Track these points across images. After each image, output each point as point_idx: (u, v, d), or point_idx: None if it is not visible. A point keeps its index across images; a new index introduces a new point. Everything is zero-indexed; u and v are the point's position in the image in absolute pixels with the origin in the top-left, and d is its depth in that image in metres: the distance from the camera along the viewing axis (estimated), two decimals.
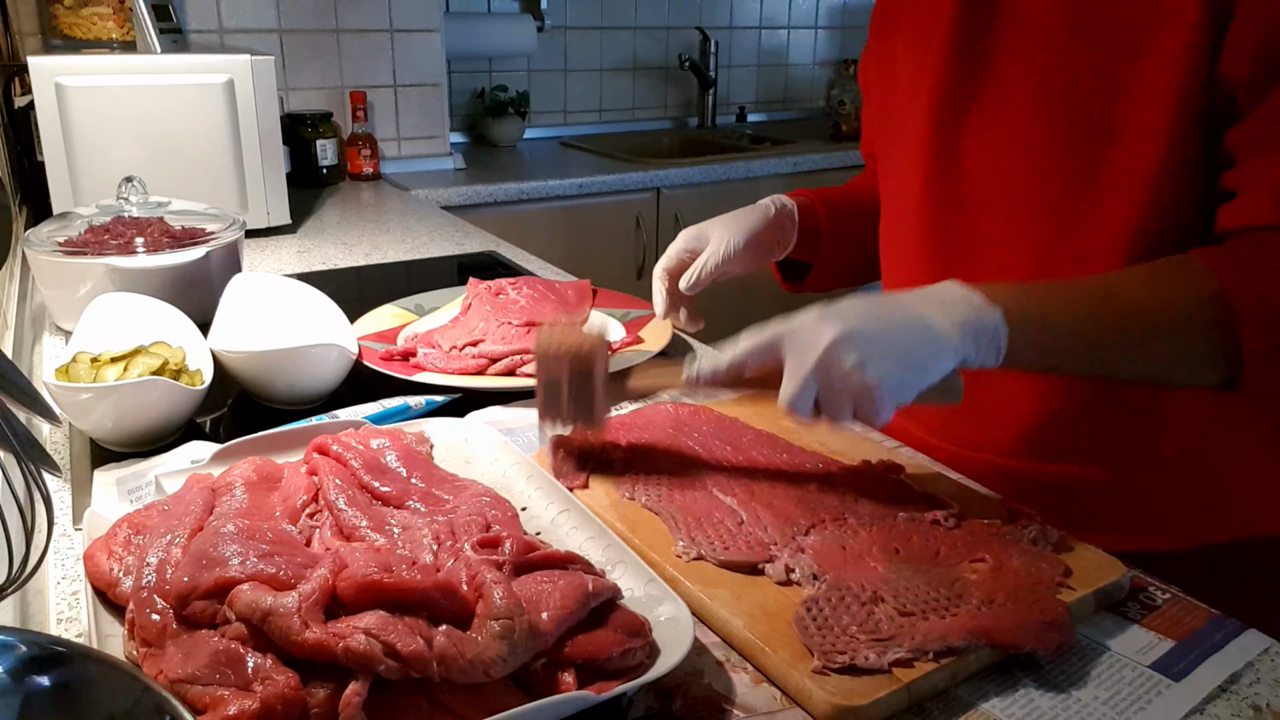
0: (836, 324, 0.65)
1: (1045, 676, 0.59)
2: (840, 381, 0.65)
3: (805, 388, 0.66)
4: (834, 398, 0.66)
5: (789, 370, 0.67)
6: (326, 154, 2.22)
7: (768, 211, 0.98)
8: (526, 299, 1.16)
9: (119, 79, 1.52)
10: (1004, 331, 0.67)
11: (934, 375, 0.66)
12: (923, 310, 0.67)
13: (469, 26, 2.64)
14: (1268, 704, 0.57)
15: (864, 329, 0.65)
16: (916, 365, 0.66)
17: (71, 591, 0.67)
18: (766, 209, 0.98)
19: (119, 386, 0.82)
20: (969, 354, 0.66)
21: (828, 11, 3.44)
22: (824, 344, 0.65)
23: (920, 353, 0.66)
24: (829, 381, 0.65)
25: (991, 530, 0.71)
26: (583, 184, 2.33)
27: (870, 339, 0.65)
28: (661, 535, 0.70)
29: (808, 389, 0.66)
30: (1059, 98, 0.77)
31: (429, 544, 0.61)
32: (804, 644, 0.58)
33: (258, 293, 1.05)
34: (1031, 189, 0.81)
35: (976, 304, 0.67)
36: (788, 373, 0.67)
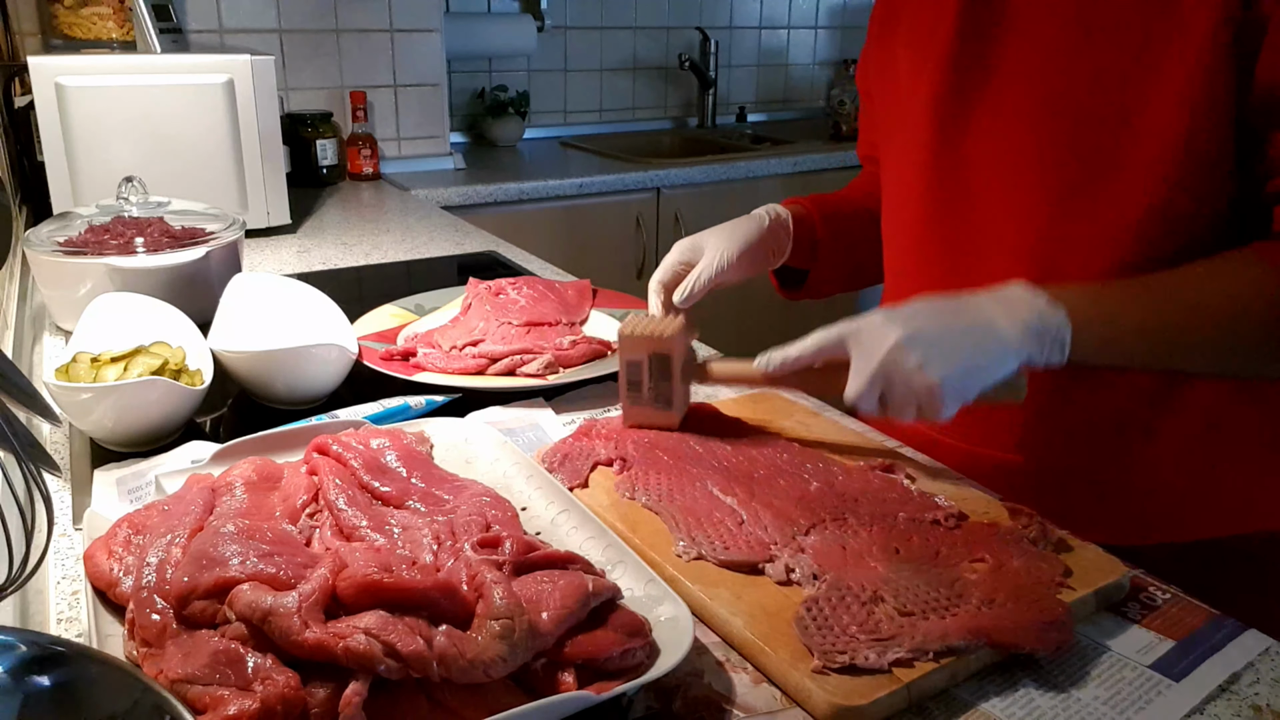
0: (902, 325, 0.69)
1: (1045, 676, 0.59)
2: (904, 380, 0.69)
3: (871, 385, 0.70)
4: (898, 395, 0.70)
5: (855, 368, 0.71)
6: (326, 154, 2.22)
7: (762, 221, 0.98)
8: (526, 299, 1.16)
9: (119, 79, 1.52)
10: (1068, 331, 0.69)
11: (996, 375, 0.70)
12: (987, 312, 0.70)
13: (469, 26, 2.64)
14: (1268, 704, 0.57)
15: (928, 330, 0.69)
16: (979, 365, 0.69)
17: (71, 591, 0.67)
18: (761, 219, 0.98)
19: (119, 386, 0.82)
20: (1033, 353, 0.69)
21: (828, 11, 3.44)
22: (889, 344, 0.69)
23: (983, 353, 0.69)
24: (893, 380, 0.69)
25: (991, 530, 0.71)
26: (583, 184, 2.33)
27: (934, 340, 0.68)
28: (661, 535, 0.70)
29: (873, 386, 0.70)
30: (1064, 97, 0.77)
31: (429, 544, 0.61)
32: (804, 644, 0.58)
33: (258, 293, 1.05)
34: (1036, 188, 0.81)
35: (1040, 305, 0.70)
36: (854, 370, 0.71)
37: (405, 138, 2.44)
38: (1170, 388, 0.82)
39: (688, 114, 3.23)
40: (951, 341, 0.69)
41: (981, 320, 0.70)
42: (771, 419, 0.90)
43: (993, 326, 0.69)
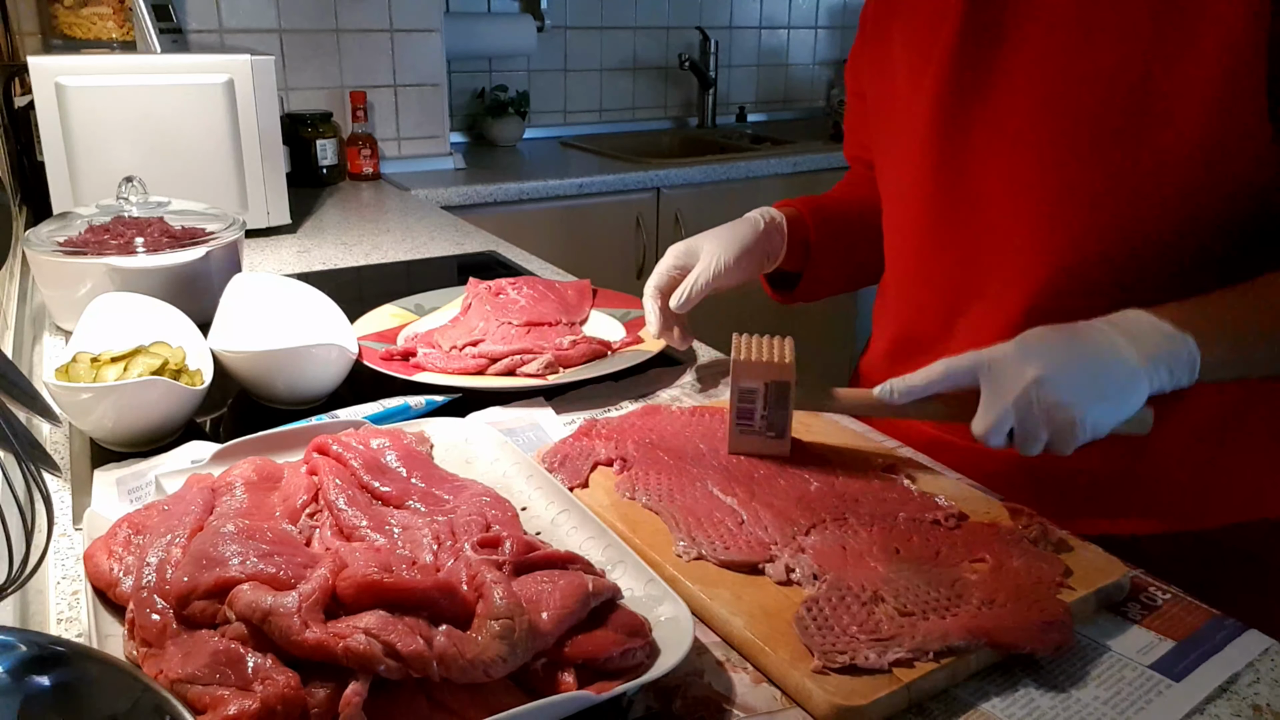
0: (1039, 362, 0.68)
1: (1045, 676, 0.59)
2: (1040, 417, 0.68)
3: (1003, 420, 0.69)
4: (1031, 431, 0.69)
5: (987, 401, 0.70)
6: (326, 154, 2.22)
7: (757, 224, 0.97)
8: (526, 299, 1.16)
9: (119, 79, 1.52)
10: (1198, 356, 0.69)
11: (1131, 409, 0.69)
12: (1117, 345, 0.69)
13: (469, 26, 2.64)
14: (1268, 704, 0.57)
15: (1064, 367, 0.68)
16: (1115, 401, 0.68)
17: (71, 591, 0.67)
18: (756, 222, 0.98)
19: (119, 386, 0.82)
20: (1163, 384, 0.69)
21: (828, 11, 3.44)
22: (1026, 381, 0.68)
23: (1118, 389, 0.68)
24: (1028, 416, 0.68)
25: (991, 530, 0.71)
26: (583, 184, 2.33)
27: (1070, 377, 0.68)
28: (661, 535, 0.70)
29: (1005, 421, 0.69)
30: (1070, 96, 0.77)
31: (429, 544, 0.61)
32: (804, 644, 0.58)
33: (258, 293, 1.05)
34: (1040, 188, 0.80)
35: (1168, 333, 0.69)
36: (986, 404, 0.70)
37: (405, 138, 2.44)
38: None
39: (688, 114, 3.23)
40: (1088, 379, 0.68)
41: (1114, 353, 0.69)
42: None
43: (1125, 360, 0.68)
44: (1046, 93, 0.78)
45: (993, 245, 0.85)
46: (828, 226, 1.03)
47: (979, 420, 0.70)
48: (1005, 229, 0.83)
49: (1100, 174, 0.77)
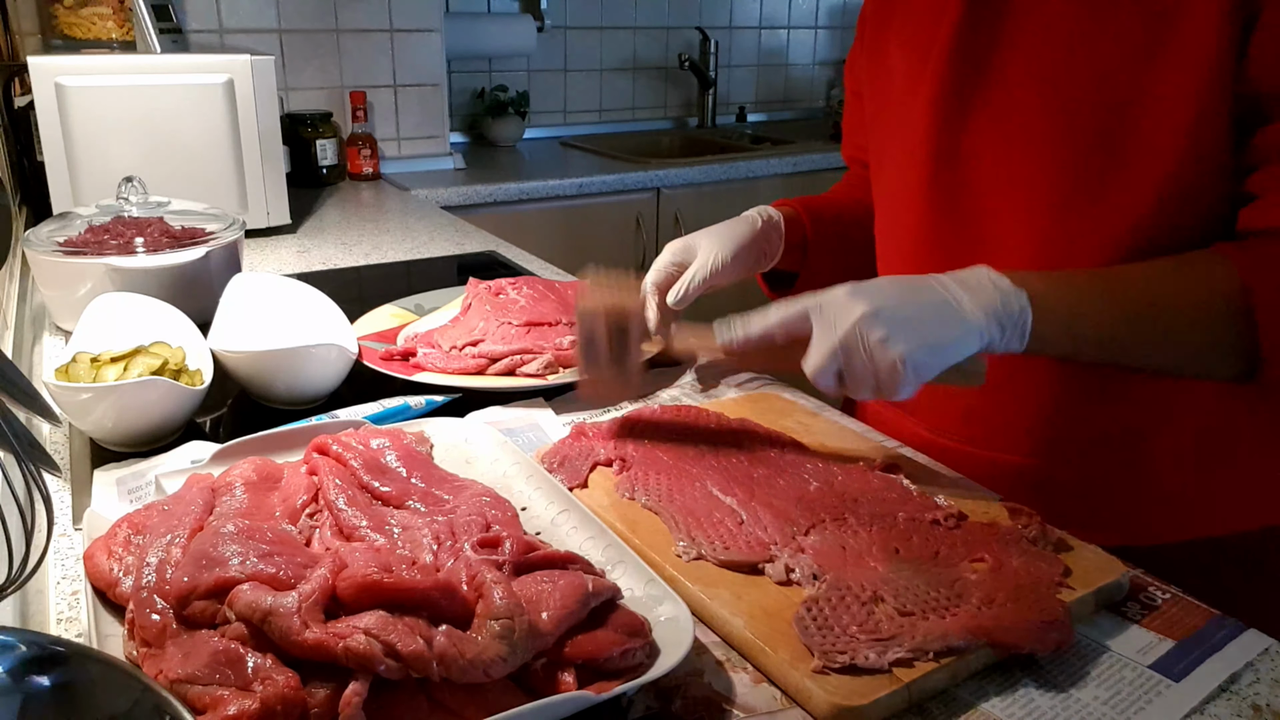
0: (865, 300, 0.68)
1: (1045, 676, 0.59)
2: (865, 355, 0.68)
3: (831, 359, 0.69)
4: (858, 370, 0.69)
5: (816, 341, 0.70)
6: (326, 154, 2.22)
7: (754, 223, 0.97)
8: (526, 299, 1.16)
9: (119, 79, 1.52)
10: (1029, 317, 0.69)
11: (957, 355, 0.69)
12: (951, 292, 0.70)
13: (469, 26, 2.64)
14: (1268, 704, 0.57)
15: (891, 306, 0.68)
16: (941, 344, 0.68)
17: (71, 591, 0.67)
18: (753, 220, 0.98)
19: (119, 386, 0.82)
20: (994, 338, 0.69)
21: (828, 11, 3.44)
22: (852, 318, 0.68)
23: (945, 332, 0.68)
24: (854, 355, 0.68)
25: (991, 530, 0.71)
26: (583, 184, 2.33)
27: (897, 316, 0.68)
28: (661, 535, 0.70)
29: (833, 360, 0.69)
30: (1067, 96, 0.77)
31: (429, 544, 0.61)
32: (804, 644, 0.58)
33: (258, 293, 1.05)
34: (1038, 189, 0.80)
35: (1004, 288, 0.70)
36: (814, 343, 0.70)
37: (405, 138, 2.44)
38: (1173, 392, 0.82)
39: (688, 114, 3.23)
40: (915, 318, 0.68)
41: (946, 300, 0.69)
42: (771, 419, 0.90)
43: (957, 307, 0.69)
44: (1043, 93, 0.79)
45: (989, 245, 0.85)
46: (825, 227, 1.03)
47: (809, 359, 0.70)
48: (1002, 229, 0.84)
49: (1099, 171, 0.77)
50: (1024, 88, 0.80)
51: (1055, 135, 0.79)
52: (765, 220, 0.98)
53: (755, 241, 0.96)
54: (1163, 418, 0.83)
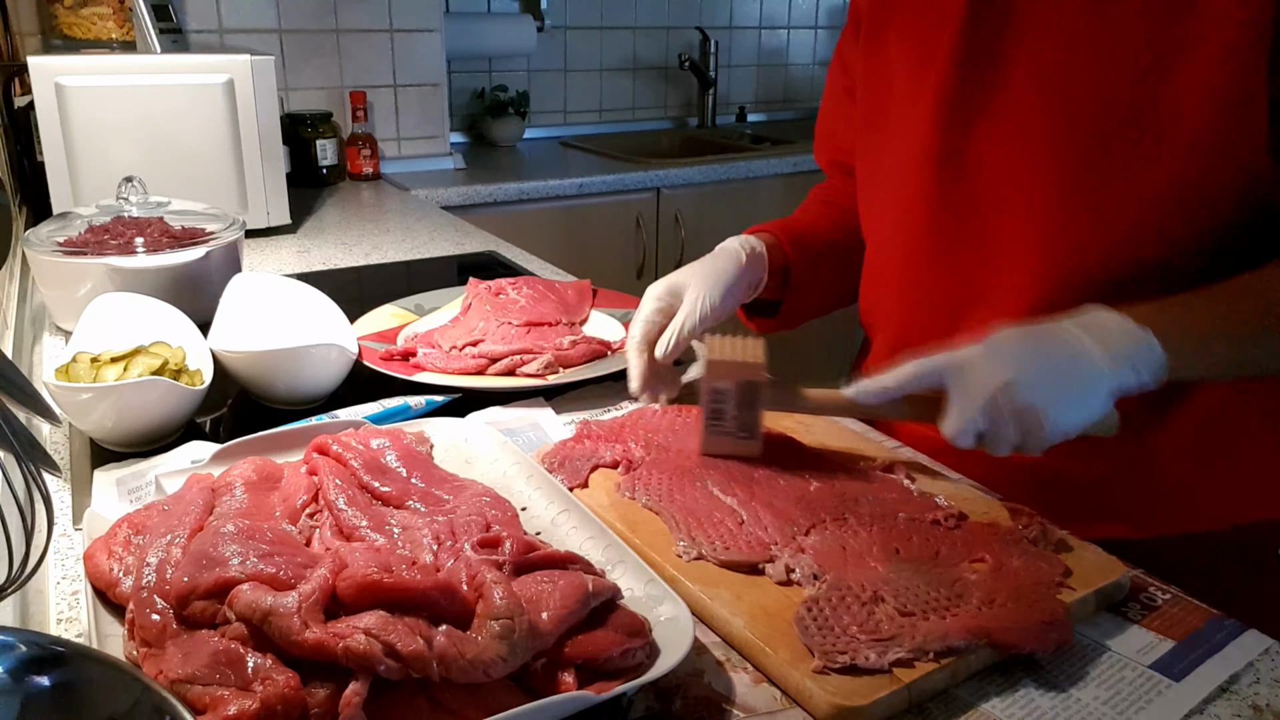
0: (1008, 365, 0.69)
1: (1045, 676, 0.59)
2: (1009, 419, 0.68)
3: (972, 423, 0.69)
4: (1000, 433, 0.69)
5: (958, 405, 0.70)
6: (326, 154, 2.22)
7: (739, 257, 0.93)
8: (526, 299, 1.16)
9: (119, 79, 1.52)
10: (1162, 356, 0.69)
11: (1099, 411, 0.69)
12: (1085, 346, 0.69)
13: (469, 26, 2.64)
14: (1268, 704, 0.57)
15: (1033, 370, 0.68)
16: (1083, 403, 0.69)
17: (71, 591, 0.67)
18: (737, 254, 0.94)
19: (119, 386, 0.82)
20: (1130, 383, 0.69)
21: (828, 11, 3.44)
22: (995, 384, 0.68)
23: (1086, 390, 0.68)
24: (997, 419, 0.69)
25: (991, 530, 0.71)
26: (583, 184, 2.33)
27: (1039, 380, 0.68)
28: (661, 535, 0.70)
29: (974, 424, 0.69)
30: (1078, 98, 0.76)
31: (429, 544, 0.61)
32: (804, 644, 0.58)
33: (258, 293, 1.05)
34: (1044, 193, 0.79)
35: (1132, 331, 0.69)
36: (955, 408, 0.70)
37: (405, 138, 2.44)
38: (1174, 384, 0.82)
39: (688, 114, 3.23)
40: (1058, 381, 0.68)
41: (1082, 355, 0.69)
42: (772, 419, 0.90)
43: (1093, 361, 0.68)
44: (1052, 95, 0.78)
45: (998, 249, 0.84)
46: (807, 253, 1.00)
47: (950, 423, 0.71)
48: (1010, 233, 0.83)
49: (1106, 176, 0.77)
50: (1030, 91, 0.79)
51: (1062, 139, 0.78)
52: (750, 253, 0.95)
53: (742, 276, 0.93)
54: (1169, 411, 0.83)
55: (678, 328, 0.86)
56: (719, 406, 0.79)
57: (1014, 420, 0.68)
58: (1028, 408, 0.67)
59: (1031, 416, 0.67)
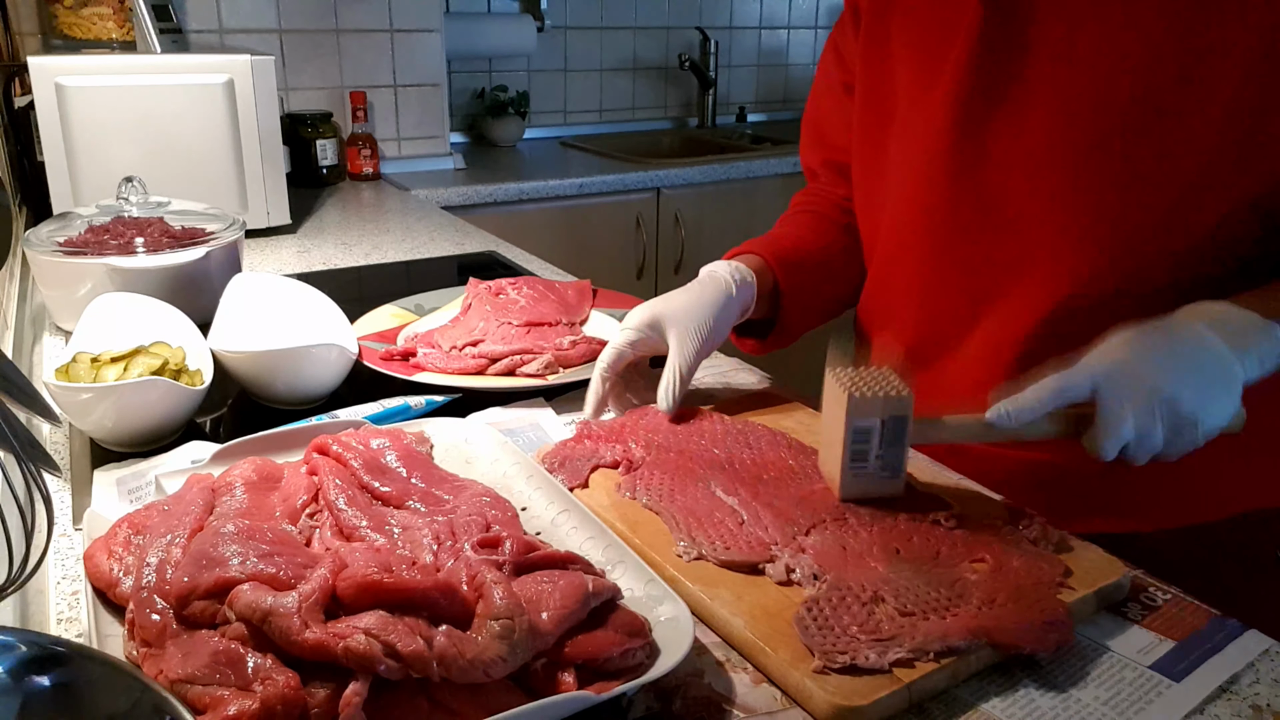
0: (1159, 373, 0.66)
1: (1045, 676, 0.59)
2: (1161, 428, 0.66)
3: (1125, 435, 0.66)
4: (1150, 443, 0.67)
5: (1109, 420, 0.67)
6: (326, 154, 2.22)
7: (727, 287, 0.90)
8: (526, 299, 1.16)
9: (119, 79, 1.52)
10: None
11: (1237, 404, 0.68)
12: (1214, 342, 0.68)
13: (469, 26, 2.64)
14: (1268, 704, 0.57)
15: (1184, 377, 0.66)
16: (1227, 403, 0.67)
17: (71, 591, 0.67)
18: (725, 283, 0.91)
19: (119, 386, 0.82)
20: (1254, 375, 0.68)
21: (828, 11, 3.44)
22: (1147, 393, 0.66)
23: (1229, 393, 0.67)
24: (1150, 428, 0.66)
25: (992, 530, 0.71)
26: (583, 184, 2.33)
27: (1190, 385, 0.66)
28: (661, 535, 0.70)
29: (1126, 436, 0.67)
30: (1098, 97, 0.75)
31: (429, 544, 0.61)
32: (804, 644, 0.58)
33: (258, 293, 1.05)
34: (1071, 191, 0.78)
35: (1255, 321, 0.68)
36: (1107, 423, 0.67)
37: (405, 138, 2.44)
38: None
39: (688, 114, 3.23)
40: (1204, 383, 0.67)
41: (1216, 352, 0.67)
42: (772, 419, 0.90)
43: (1228, 359, 0.67)
44: (1073, 92, 0.76)
45: (1019, 248, 0.82)
46: (796, 273, 0.97)
47: (1102, 439, 0.67)
48: (1032, 231, 0.81)
49: (1126, 176, 0.76)
50: (1050, 89, 0.78)
51: (1084, 136, 0.77)
52: (738, 282, 0.92)
53: (730, 306, 0.90)
54: None
55: (674, 374, 0.86)
56: (862, 447, 0.73)
57: (1168, 428, 0.66)
58: (1184, 416, 0.66)
59: (1188, 425, 0.66)
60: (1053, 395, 0.68)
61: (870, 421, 0.72)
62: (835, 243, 1.02)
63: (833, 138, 1.04)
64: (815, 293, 1.01)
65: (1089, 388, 0.68)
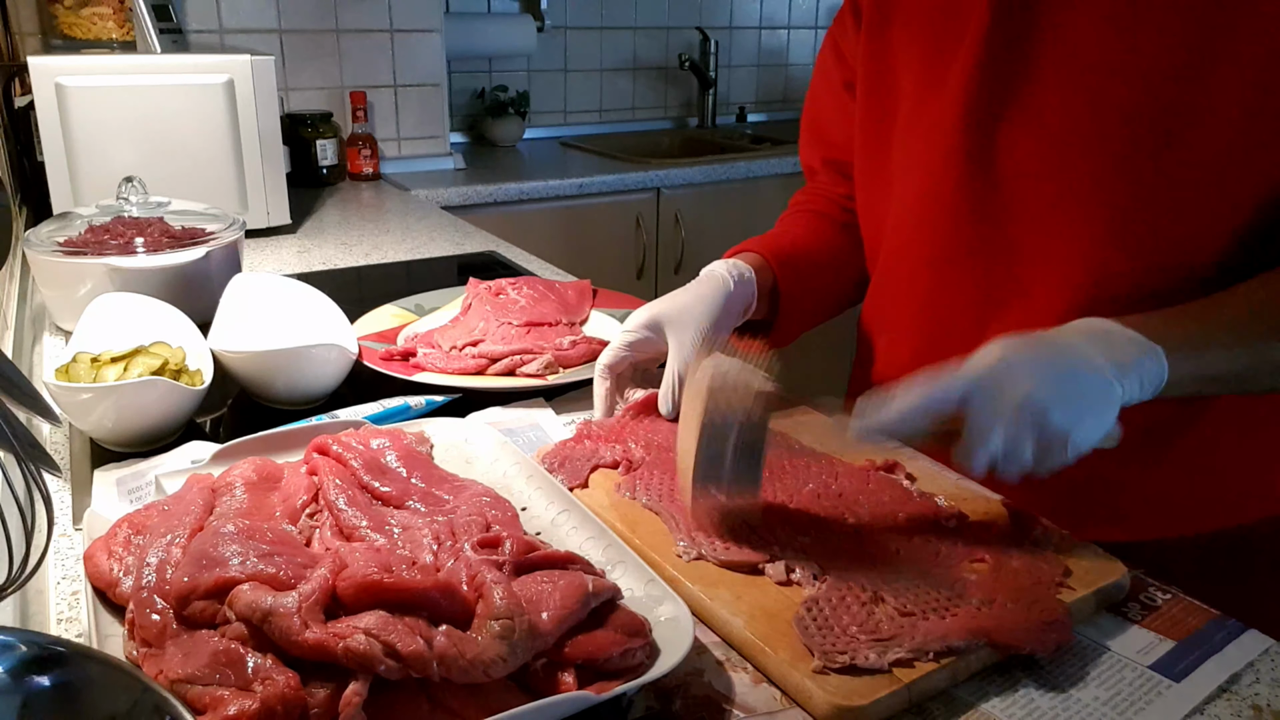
0: (1029, 382, 0.63)
1: (1045, 676, 0.59)
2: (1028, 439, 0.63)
3: (992, 446, 0.64)
4: (1017, 454, 0.64)
5: (977, 428, 0.64)
6: (326, 154, 2.22)
7: (726, 285, 0.89)
8: (526, 299, 1.16)
9: (119, 79, 1.52)
10: (1165, 370, 0.67)
11: (1110, 425, 0.66)
12: (1092, 357, 0.66)
13: (469, 26, 2.64)
14: (1268, 704, 0.57)
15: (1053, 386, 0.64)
16: (1099, 418, 0.65)
17: (71, 591, 0.67)
18: (724, 281, 0.90)
19: (119, 386, 0.82)
20: (1133, 396, 0.66)
21: (828, 11, 3.44)
22: (1017, 402, 0.63)
23: (1103, 406, 0.65)
24: (1017, 438, 0.63)
25: (992, 530, 0.71)
26: (583, 184, 2.33)
27: (1060, 397, 0.63)
28: (661, 535, 0.70)
29: (993, 446, 0.64)
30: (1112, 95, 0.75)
31: (429, 544, 0.61)
32: (804, 644, 0.58)
33: (258, 293, 1.05)
34: (1081, 192, 0.77)
35: (1141, 344, 0.67)
36: (975, 431, 0.64)
37: (405, 138, 2.44)
38: None
39: (688, 114, 3.23)
40: (1075, 395, 0.64)
41: (1092, 366, 0.65)
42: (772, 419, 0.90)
43: (1105, 374, 0.65)
44: (1084, 93, 0.76)
45: (1028, 251, 0.82)
46: (795, 272, 0.97)
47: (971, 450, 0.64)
48: (1042, 234, 0.81)
49: (1139, 175, 0.75)
50: (1061, 89, 0.77)
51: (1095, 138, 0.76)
52: (738, 281, 0.91)
53: (730, 304, 0.89)
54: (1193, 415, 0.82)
55: (674, 376, 0.85)
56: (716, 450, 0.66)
57: (1035, 441, 0.64)
58: (1052, 427, 0.63)
59: (1056, 436, 0.63)
60: (920, 407, 0.65)
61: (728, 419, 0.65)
62: (835, 242, 1.02)
63: (832, 136, 1.04)
64: (814, 291, 1.01)
65: (958, 398, 0.65)
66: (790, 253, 0.98)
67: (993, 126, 0.81)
